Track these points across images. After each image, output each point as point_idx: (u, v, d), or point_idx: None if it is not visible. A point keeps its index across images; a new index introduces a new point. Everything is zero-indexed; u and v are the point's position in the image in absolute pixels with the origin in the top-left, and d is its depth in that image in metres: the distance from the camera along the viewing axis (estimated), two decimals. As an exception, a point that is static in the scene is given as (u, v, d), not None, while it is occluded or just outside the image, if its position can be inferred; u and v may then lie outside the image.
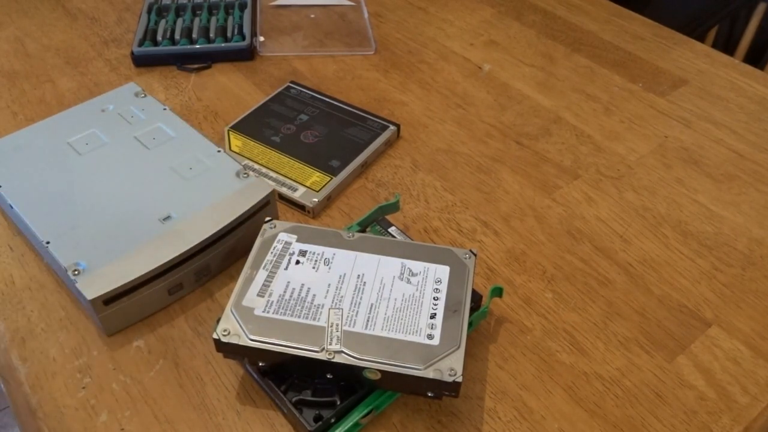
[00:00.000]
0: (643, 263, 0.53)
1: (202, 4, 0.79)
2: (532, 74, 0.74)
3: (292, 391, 0.41)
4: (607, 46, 0.78)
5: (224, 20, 0.78)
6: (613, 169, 0.62)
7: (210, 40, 0.75)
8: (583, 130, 0.66)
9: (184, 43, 0.74)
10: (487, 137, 0.65)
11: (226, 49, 0.74)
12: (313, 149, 0.61)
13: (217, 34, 0.75)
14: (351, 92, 0.70)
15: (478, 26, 0.82)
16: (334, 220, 0.56)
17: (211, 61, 0.73)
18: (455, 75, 0.73)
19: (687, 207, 0.58)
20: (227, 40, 0.75)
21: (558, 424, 0.42)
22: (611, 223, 0.56)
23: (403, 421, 0.42)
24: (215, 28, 0.77)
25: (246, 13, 0.79)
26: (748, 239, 0.55)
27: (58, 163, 0.54)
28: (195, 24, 0.77)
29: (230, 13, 0.79)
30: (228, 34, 0.76)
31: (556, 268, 0.52)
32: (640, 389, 0.44)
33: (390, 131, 0.63)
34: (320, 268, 0.44)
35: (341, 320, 0.41)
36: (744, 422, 0.42)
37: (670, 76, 0.74)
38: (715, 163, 0.62)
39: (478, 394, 0.44)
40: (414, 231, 0.55)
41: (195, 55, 0.73)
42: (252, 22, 0.78)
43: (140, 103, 0.62)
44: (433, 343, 0.39)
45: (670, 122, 0.67)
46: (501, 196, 0.59)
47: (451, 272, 0.44)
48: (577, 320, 0.48)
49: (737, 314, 0.49)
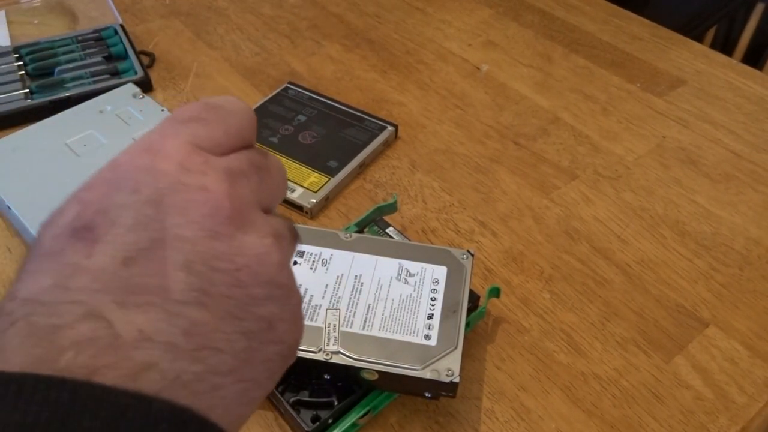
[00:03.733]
0: (641, 263, 0.53)
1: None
2: (530, 75, 0.74)
3: (289, 391, 0.41)
4: (605, 47, 0.78)
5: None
6: (610, 169, 0.62)
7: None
8: (581, 130, 0.66)
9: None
10: (485, 137, 0.65)
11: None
12: (311, 150, 0.61)
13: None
14: (349, 93, 0.70)
15: (476, 27, 0.82)
16: (331, 220, 0.56)
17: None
18: (453, 75, 0.74)
19: (685, 207, 0.58)
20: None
21: (555, 424, 0.42)
22: (609, 223, 0.56)
23: (400, 421, 0.42)
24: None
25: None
26: (746, 239, 0.55)
27: (56, 164, 0.54)
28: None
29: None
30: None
31: (553, 268, 0.52)
32: (637, 389, 0.44)
33: (388, 132, 0.63)
34: (318, 268, 0.44)
35: (338, 321, 0.41)
36: (741, 422, 0.43)
37: (668, 76, 0.74)
38: (712, 164, 0.62)
39: (476, 394, 0.44)
40: (412, 231, 0.55)
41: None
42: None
43: (138, 104, 0.62)
44: (431, 344, 0.39)
45: (668, 122, 0.67)
46: (499, 197, 0.59)
47: (448, 273, 0.44)
48: (575, 320, 0.48)
49: (734, 314, 0.49)
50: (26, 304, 0.17)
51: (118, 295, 0.17)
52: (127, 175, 0.19)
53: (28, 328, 0.17)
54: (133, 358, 0.17)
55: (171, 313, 0.17)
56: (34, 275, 0.18)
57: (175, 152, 0.20)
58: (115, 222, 0.18)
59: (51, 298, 0.17)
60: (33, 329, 0.17)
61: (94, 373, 0.16)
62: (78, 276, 0.17)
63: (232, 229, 0.19)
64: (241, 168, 0.21)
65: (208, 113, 0.22)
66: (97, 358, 0.16)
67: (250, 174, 0.21)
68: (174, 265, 0.18)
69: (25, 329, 0.17)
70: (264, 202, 0.22)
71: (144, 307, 0.17)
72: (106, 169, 0.20)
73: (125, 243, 0.18)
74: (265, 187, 0.22)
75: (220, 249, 0.19)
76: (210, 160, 0.20)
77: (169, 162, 0.19)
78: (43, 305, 0.17)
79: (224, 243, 0.19)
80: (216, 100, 0.23)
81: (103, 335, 0.17)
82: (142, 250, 0.18)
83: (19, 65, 0.70)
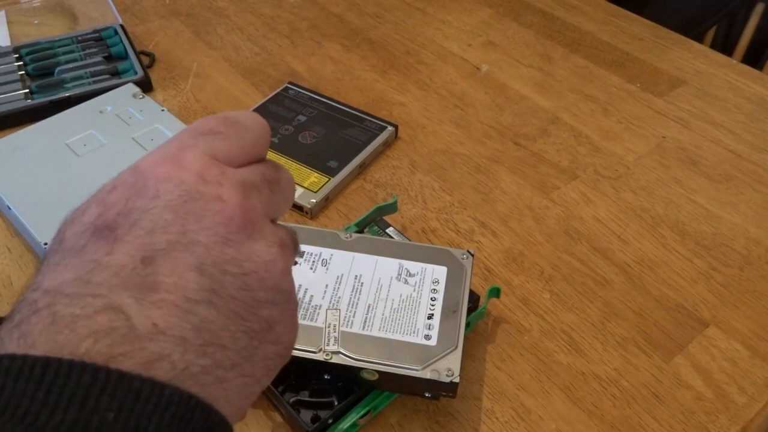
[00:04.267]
0: (641, 263, 0.53)
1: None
2: (530, 75, 0.74)
3: (289, 391, 0.41)
4: (605, 47, 0.78)
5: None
6: (611, 169, 0.62)
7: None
8: (581, 130, 0.66)
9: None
10: (485, 138, 0.65)
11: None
12: (311, 150, 0.61)
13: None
14: (349, 93, 0.70)
15: (476, 27, 0.82)
16: (331, 220, 0.56)
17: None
18: (453, 76, 0.74)
19: (685, 207, 0.58)
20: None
21: (555, 424, 0.42)
22: (609, 223, 0.56)
23: (400, 421, 0.42)
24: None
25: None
26: (746, 239, 0.55)
27: (56, 164, 0.54)
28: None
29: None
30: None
31: (553, 268, 0.52)
32: (637, 389, 0.44)
33: (388, 132, 0.63)
34: (318, 268, 0.44)
35: (339, 321, 0.41)
36: (741, 422, 0.43)
37: (668, 76, 0.74)
38: (712, 164, 0.62)
39: (476, 394, 0.44)
40: (412, 232, 0.55)
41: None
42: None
43: (138, 104, 0.62)
44: (431, 344, 0.39)
45: (667, 122, 0.67)
46: (499, 197, 0.59)
47: (448, 273, 0.44)
48: (575, 320, 0.48)
49: (735, 314, 0.49)
50: (49, 295, 0.19)
51: (136, 291, 0.19)
52: (149, 181, 0.21)
53: (51, 316, 0.18)
54: (148, 349, 0.18)
55: (183, 309, 0.19)
56: (57, 268, 0.19)
57: (193, 163, 0.21)
58: (135, 224, 0.20)
59: (73, 290, 0.18)
60: (56, 318, 0.18)
61: (111, 360, 0.17)
62: (99, 271, 0.19)
63: (242, 237, 0.21)
64: (254, 182, 0.23)
65: (226, 128, 0.23)
66: (114, 347, 0.18)
67: (262, 187, 0.23)
68: (188, 266, 0.19)
69: (48, 318, 0.18)
70: (272, 213, 0.24)
71: (159, 303, 0.19)
72: (127, 173, 0.21)
73: (144, 244, 0.19)
74: (274, 199, 0.24)
75: (231, 254, 0.20)
76: (226, 172, 0.22)
77: (188, 172, 0.21)
78: (66, 296, 0.18)
79: (235, 249, 0.20)
80: (234, 115, 0.24)
81: (120, 326, 0.18)
82: (159, 251, 0.19)
83: (19, 65, 0.70)
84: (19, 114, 0.64)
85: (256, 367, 0.21)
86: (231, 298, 0.20)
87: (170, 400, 0.18)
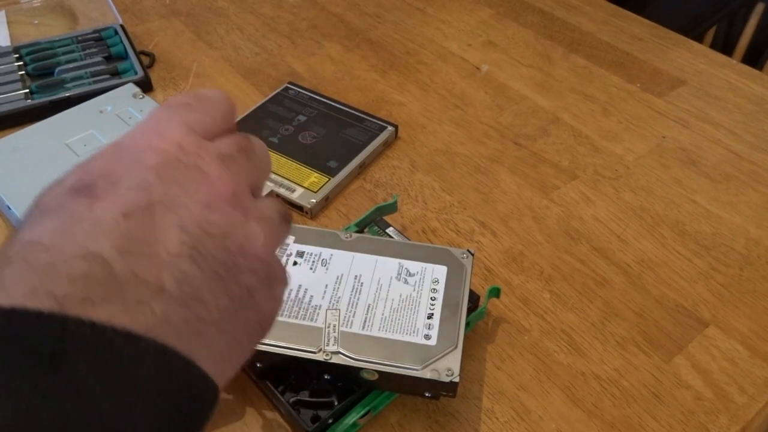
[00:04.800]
0: (641, 263, 0.53)
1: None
2: (530, 75, 0.74)
3: (289, 391, 0.41)
4: (605, 47, 0.78)
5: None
6: (610, 169, 0.62)
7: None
8: (581, 130, 0.66)
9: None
10: (485, 138, 0.65)
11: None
12: (311, 150, 0.61)
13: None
14: (349, 93, 0.70)
15: (476, 27, 0.82)
16: (331, 220, 0.56)
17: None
18: (453, 76, 0.74)
19: (685, 207, 0.58)
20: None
21: (555, 424, 0.42)
22: (609, 223, 0.56)
23: (400, 421, 0.42)
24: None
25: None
26: (746, 239, 0.55)
27: (56, 164, 0.54)
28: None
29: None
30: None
31: (553, 268, 0.52)
32: (637, 389, 0.44)
33: (388, 132, 0.63)
34: (318, 268, 0.44)
35: (338, 321, 0.41)
36: (741, 422, 0.43)
37: (668, 76, 0.74)
38: (712, 164, 0.62)
39: (476, 394, 0.44)
40: (412, 232, 0.55)
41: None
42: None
43: (138, 104, 0.62)
44: (431, 344, 0.39)
45: (667, 123, 0.67)
46: (499, 197, 0.59)
47: (448, 272, 0.44)
48: (575, 320, 0.48)
49: (735, 314, 0.49)
50: (26, 246, 0.18)
51: (117, 241, 0.18)
52: (129, 150, 0.21)
53: (26, 264, 0.17)
54: (127, 295, 0.18)
55: (165, 262, 0.19)
56: (34, 225, 0.19)
57: (172, 134, 0.22)
58: (115, 184, 0.20)
59: (51, 239, 0.18)
60: (31, 265, 0.17)
61: (88, 303, 0.17)
62: (79, 224, 0.18)
63: (223, 204, 0.21)
64: (230, 152, 0.23)
65: (197, 102, 0.24)
66: (91, 291, 0.17)
67: (239, 157, 0.23)
68: (170, 223, 0.19)
69: (24, 265, 0.17)
70: (252, 181, 0.24)
71: (140, 255, 0.18)
72: (107, 147, 0.21)
73: (126, 201, 0.19)
74: (251, 167, 0.24)
75: (212, 218, 0.21)
76: (203, 144, 0.22)
77: (168, 142, 0.21)
78: (42, 246, 0.18)
79: (216, 214, 0.21)
80: (202, 91, 0.25)
81: (99, 272, 0.17)
82: (141, 208, 0.19)
83: (19, 65, 0.70)
84: (19, 114, 0.64)
85: (237, 330, 0.21)
86: (212, 257, 0.20)
87: (146, 353, 0.17)
